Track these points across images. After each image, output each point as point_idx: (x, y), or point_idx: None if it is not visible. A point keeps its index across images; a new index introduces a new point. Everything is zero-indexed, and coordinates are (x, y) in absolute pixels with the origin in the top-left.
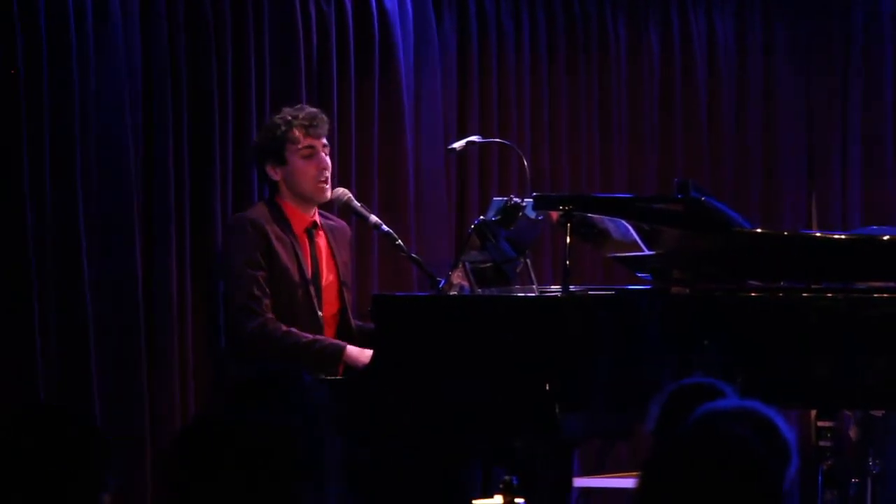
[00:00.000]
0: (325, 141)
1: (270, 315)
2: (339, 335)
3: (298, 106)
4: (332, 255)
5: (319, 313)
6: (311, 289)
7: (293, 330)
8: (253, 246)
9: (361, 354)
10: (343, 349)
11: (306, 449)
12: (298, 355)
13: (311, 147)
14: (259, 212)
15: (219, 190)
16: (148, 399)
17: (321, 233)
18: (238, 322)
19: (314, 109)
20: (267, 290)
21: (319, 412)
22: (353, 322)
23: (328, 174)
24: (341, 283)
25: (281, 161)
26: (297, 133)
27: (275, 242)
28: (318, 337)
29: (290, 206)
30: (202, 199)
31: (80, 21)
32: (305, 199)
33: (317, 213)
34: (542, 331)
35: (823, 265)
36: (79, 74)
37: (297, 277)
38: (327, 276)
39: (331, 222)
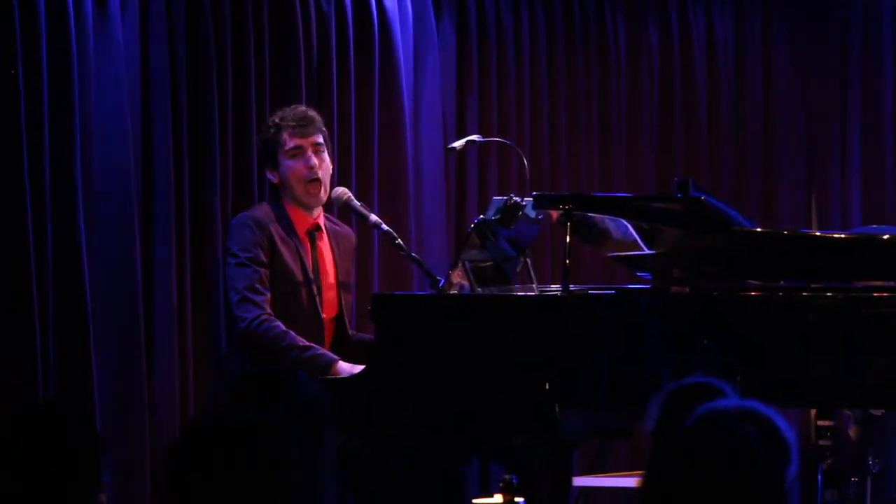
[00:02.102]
0: (318, 139)
1: (269, 311)
2: (335, 340)
3: (292, 106)
4: (335, 259)
5: (322, 315)
6: (314, 289)
7: (291, 332)
8: (256, 243)
9: (352, 370)
10: (334, 362)
11: (303, 449)
12: (289, 357)
13: (299, 147)
14: (263, 211)
15: (219, 190)
16: (148, 399)
17: (324, 236)
18: (237, 313)
19: (303, 109)
20: (268, 286)
21: (316, 411)
22: (351, 332)
23: (319, 174)
24: (340, 289)
25: (275, 164)
26: (284, 135)
27: (278, 242)
28: (313, 345)
29: (292, 208)
30: (202, 199)
31: (80, 21)
32: (298, 203)
33: (321, 216)
34: (542, 330)
35: (823, 265)
36: (79, 74)
37: (300, 278)
38: (327, 280)
39: (337, 227)
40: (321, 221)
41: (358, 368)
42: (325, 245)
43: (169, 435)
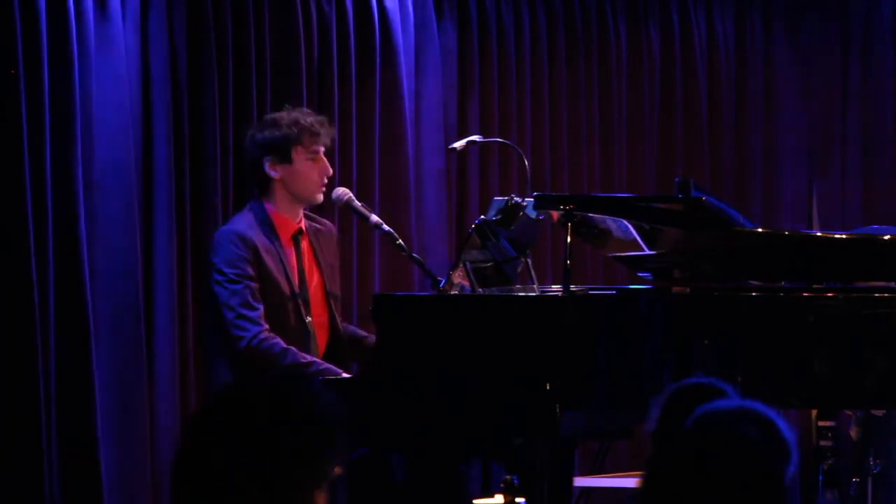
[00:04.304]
0: (326, 147)
1: (266, 326)
2: (330, 344)
3: (306, 110)
4: (317, 260)
5: (307, 319)
6: (299, 300)
7: (291, 348)
8: (242, 258)
9: None
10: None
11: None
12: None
13: (317, 153)
14: (245, 222)
15: (219, 190)
16: (148, 399)
17: (305, 238)
18: (235, 333)
19: (322, 117)
20: (260, 299)
21: (328, 414)
22: (351, 331)
23: (326, 180)
24: (328, 289)
25: (285, 160)
26: (309, 138)
27: (263, 253)
28: (316, 360)
29: (277, 212)
30: (202, 198)
31: (80, 21)
32: (300, 200)
33: (303, 219)
34: (543, 330)
35: (824, 265)
36: (79, 74)
37: (285, 287)
38: (312, 283)
39: (316, 225)
40: (303, 224)
41: None
42: (306, 247)
43: (169, 435)
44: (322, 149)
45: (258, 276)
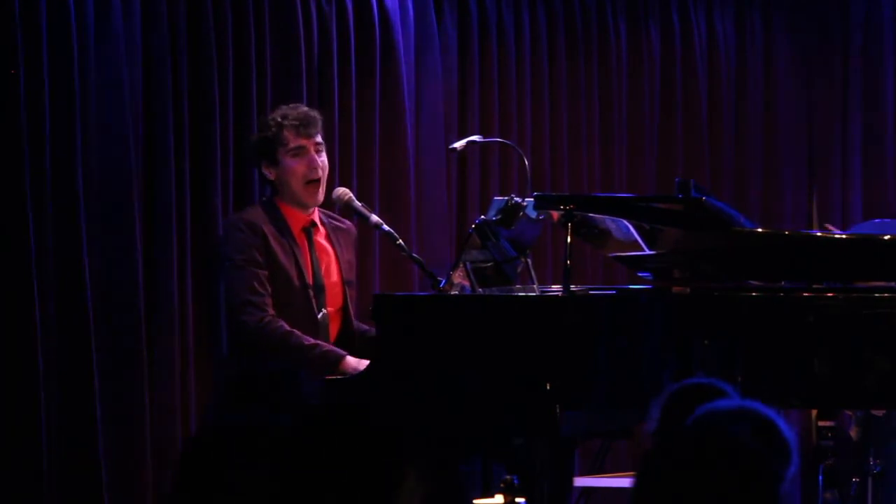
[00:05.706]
0: (318, 139)
1: (272, 312)
2: (340, 333)
3: (293, 105)
4: (336, 254)
5: (318, 315)
6: (310, 291)
7: (295, 331)
8: (251, 245)
9: (359, 365)
10: (342, 358)
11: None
12: (298, 357)
13: (302, 147)
14: (255, 213)
15: (219, 189)
16: (148, 399)
17: (321, 231)
18: (240, 317)
19: (306, 109)
20: (268, 287)
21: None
22: (356, 325)
23: (320, 173)
24: (344, 282)
25: (273, 161)
26: (287, 134)
27: (272, 242)
28: (320, 342)
29: (287, 206)
30: (202, 198)
31: (80, 21)
32: (295, 200)
33: (317, 213)
34: (543, 330)
35: (824, 265)
36: (79, 74)
37: (295, 279)
38: (331, 276)
39: (335, 222)
40: (317, 218)
41: (365, 363)
42: (323, 240)
43: (170, 435)
44: (308, 143)
45: (267, 264)
